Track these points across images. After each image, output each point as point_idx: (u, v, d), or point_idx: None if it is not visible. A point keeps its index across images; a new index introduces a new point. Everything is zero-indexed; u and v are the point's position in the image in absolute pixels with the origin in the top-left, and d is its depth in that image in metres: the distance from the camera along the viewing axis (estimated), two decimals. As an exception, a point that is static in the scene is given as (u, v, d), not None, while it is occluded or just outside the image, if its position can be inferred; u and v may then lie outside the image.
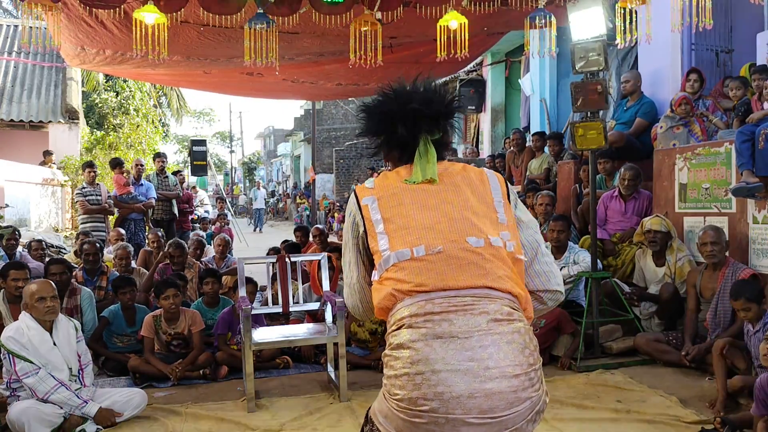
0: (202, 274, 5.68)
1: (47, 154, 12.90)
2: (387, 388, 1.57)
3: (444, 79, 11.25)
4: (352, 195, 1.80)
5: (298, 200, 27.66)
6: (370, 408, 1.69)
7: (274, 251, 7.28)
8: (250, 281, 5.19)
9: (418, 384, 1.48)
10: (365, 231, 1.73)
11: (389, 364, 1.57)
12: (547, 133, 8.73)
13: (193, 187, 12.74)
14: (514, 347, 1.51)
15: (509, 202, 1.78)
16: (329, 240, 8.53)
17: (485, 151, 12.11)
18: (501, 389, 1.46)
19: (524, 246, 1.75)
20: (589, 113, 4.95)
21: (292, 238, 8.19)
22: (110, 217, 8.80)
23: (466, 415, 1.45)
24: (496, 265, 1.61)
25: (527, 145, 8.70)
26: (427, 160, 1.74)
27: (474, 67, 12.16)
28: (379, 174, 1.85)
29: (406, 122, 1.76)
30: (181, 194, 9.53)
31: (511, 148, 8.90)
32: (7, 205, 10.00)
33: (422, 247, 1.61)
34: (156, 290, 5.04)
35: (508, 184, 1.83)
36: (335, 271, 4.98)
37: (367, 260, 1.77)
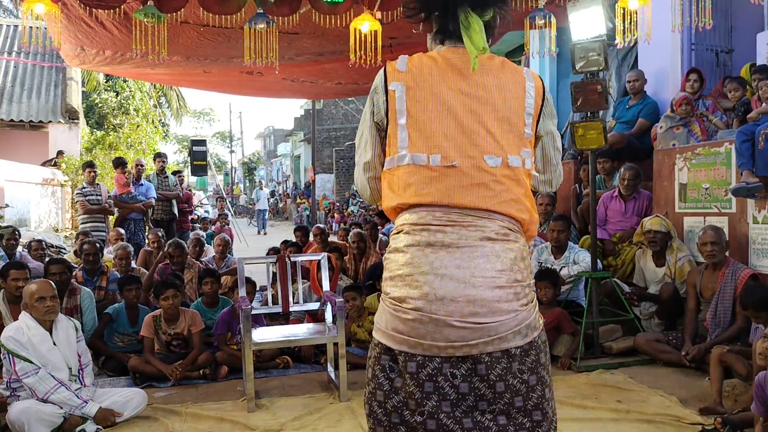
0: (201, 275, 5.69)
1: (60, 153, 12.94)
2: (384, 288, 1.66)
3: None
4: (381, 72, 1.72)
5: (299, 200, 27.67)
6: None
7: (274, 251, 7.28)
8: (248, 281, 5.19)
9: (407, 284, 1.57)
10: (387, 115, 1.69)
11: (387, 266, 1.66)
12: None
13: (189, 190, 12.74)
14: (504, 261, 1.56)
15: (541, 111, 1.73)
16: (329, 240, 8.52)
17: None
18: (483, 297, 1.52)
19: (543, 160, 1.78)
20: (589, 113, 4.95)
21: (292, 238, 8.19)
22: (110, 217, 8.80)
23: (448, 317, 1.51)
24: (506, 188, 1.61)
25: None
26: (475, 29, 1.63)
27: (474, 67, 12.13)
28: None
29: None
30: (180, 194, 9.54)
31: None
32: (7, 205, 10.01)
33: (438, 157, 1.61)
34: (155, 291, 5.04)
35: (546, 90, 1.77)
36: (335, 271, 4.98)
37: (383, 142, 1.74)
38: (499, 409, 1.54)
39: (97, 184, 8.59)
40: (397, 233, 1.65)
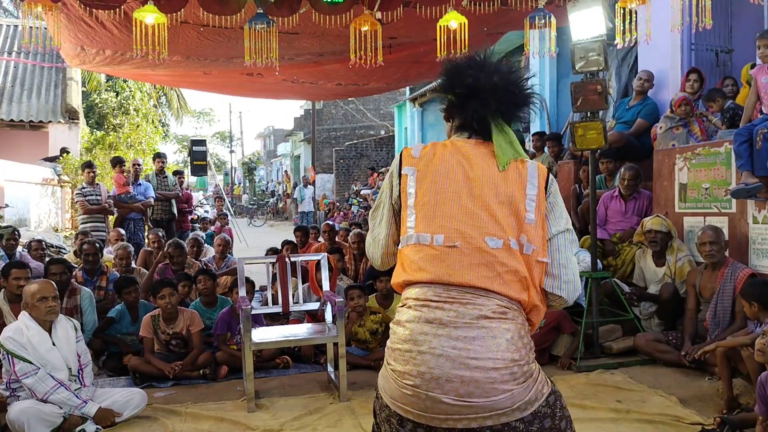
0: (195, 274, 5.69)
1: (64, 151, 12.91)
2: (387, 355, 1.71)
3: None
4: (398, 157, 1.85)
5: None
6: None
7: (273, 251, 7.28)
8: (246, 281, 5.18)
9: (407, 360, 1.62)
10: (399, 198, 1.82)
11: (391, 336, 1.71)
12: (547, 133, 8.71)
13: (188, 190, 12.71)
14: (500, 342, 1.58)
15: (546, 199, 1.73)
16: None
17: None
18: (477, 378, 1.55)
19: (557, 249, 1.73)
20: (588, 113, 4.96)
21: (292, 238, 8.18)
22: (110, 217, 8.80)
23: (444, 395, 1.56)
24: (507, 269, 1.63)
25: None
26: (511, 139, 1.78)
27: (474, 67, 12.13)
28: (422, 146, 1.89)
29: (481, 95, 1.78)
30: (180, 194, 9.54)
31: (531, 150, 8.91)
32: (7, 205, 10.01)
33: (442, 237, 1.67)
34: (153, 290, 5.04)
35: (551, 179, 1.78)
36: (334, 272, 4.97)
37: (398, 221, 1.85)
38: None
39: (97, 184, 8.58)
40: (402, 306, 1.72)
